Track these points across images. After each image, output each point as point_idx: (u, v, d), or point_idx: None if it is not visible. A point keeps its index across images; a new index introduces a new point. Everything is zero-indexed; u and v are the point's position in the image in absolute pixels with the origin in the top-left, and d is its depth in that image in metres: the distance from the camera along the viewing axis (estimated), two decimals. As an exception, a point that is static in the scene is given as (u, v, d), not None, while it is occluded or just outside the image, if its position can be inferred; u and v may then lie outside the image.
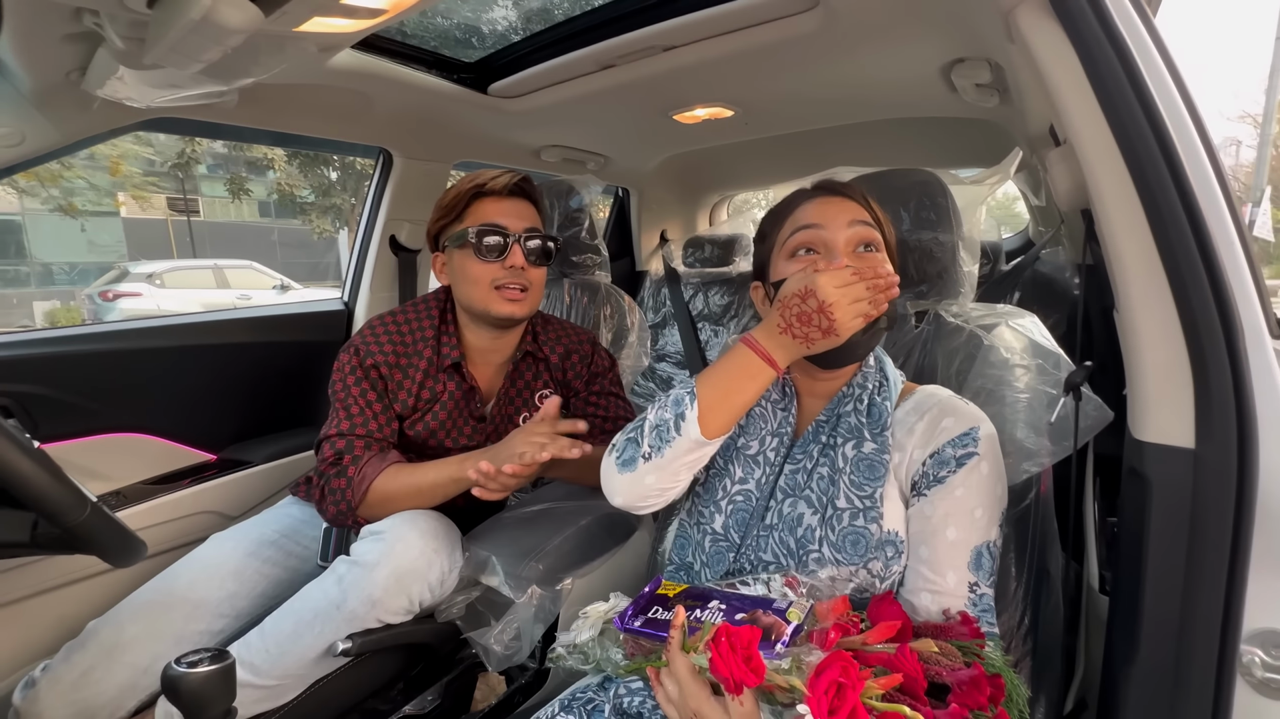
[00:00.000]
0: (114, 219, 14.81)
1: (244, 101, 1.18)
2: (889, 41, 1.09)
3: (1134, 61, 0.63)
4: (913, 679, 0.58)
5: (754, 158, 2.17)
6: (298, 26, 0.77)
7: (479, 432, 1.16)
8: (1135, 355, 0.64)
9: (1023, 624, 0.84)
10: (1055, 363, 0.92)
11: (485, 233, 1.07)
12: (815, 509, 0.76)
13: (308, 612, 0.91)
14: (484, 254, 1.07)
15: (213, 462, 1.46)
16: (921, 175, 1.07)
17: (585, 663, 0.81)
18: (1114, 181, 0.64)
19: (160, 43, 0.65)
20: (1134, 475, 0.65)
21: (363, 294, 1.70)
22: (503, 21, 1.34)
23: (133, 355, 1.36)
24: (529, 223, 1.12)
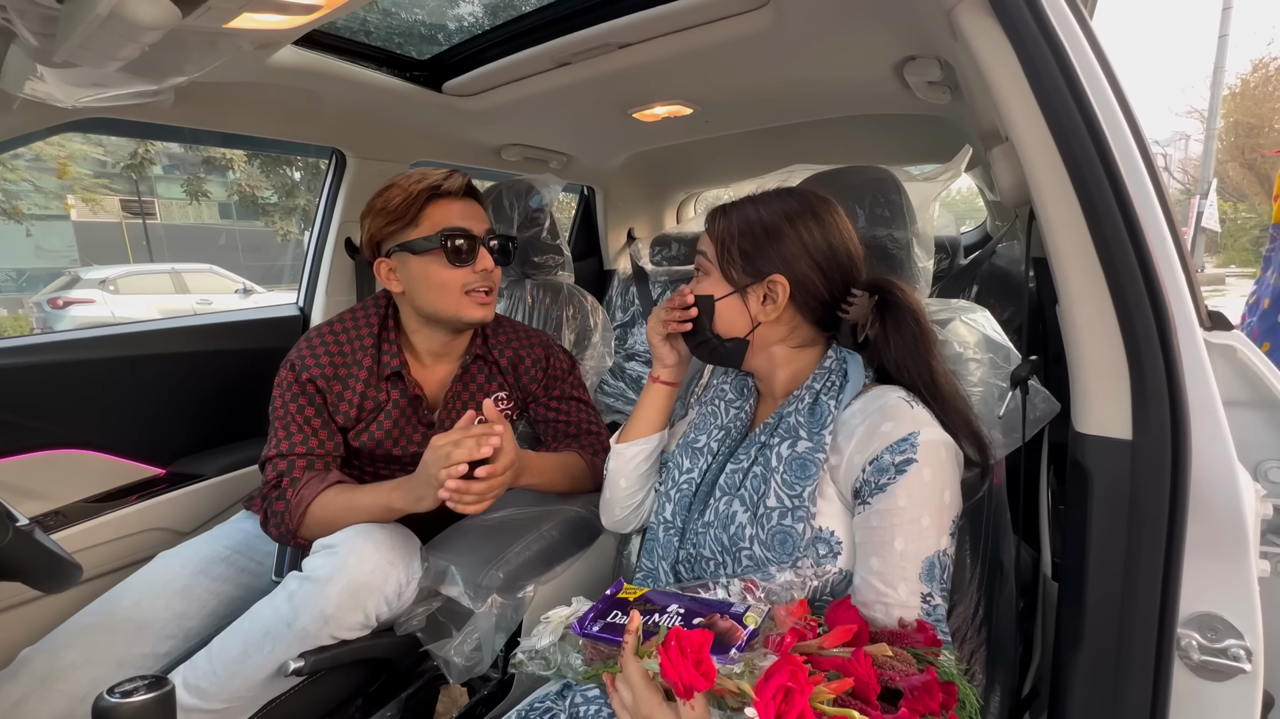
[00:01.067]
0: (64, 223, 14.18)
1: (181, 101, 1.13)
2: (840, 40, 1.10)
3: (1069, 61, 0.64)
4: (865, 683, 0.59)
5: (717, 155, 2.18)
6: (227, 23, 0.74)
7: (429, 438, 1.13)
8: (1076, 349, 0.66)
9: (977, 614, 0.85)
10: (1005, 356, 0.94)
11: (453, 237, 1.04)
12: (747, 508, 0.77)
13: (258, 630, 0.88)
14: (454, 259, 1.04)
15: (161, 476, 1.40)
16: (875, 173, 1.08)
17: (546, 669, 0.79)
18: (1053, 179, 0.65)
19: (70, 40, 0.61)
20: (1076, 467, 0.66)
21: (318, 298, 1.65)
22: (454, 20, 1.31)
23: (74, 367, 1.29)
24: (486, 223, 1.10)
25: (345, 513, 0.97)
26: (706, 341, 0.83)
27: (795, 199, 0.82)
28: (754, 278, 0.79)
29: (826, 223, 0.80)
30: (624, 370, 2.45)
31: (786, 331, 0.82)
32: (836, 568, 0.72)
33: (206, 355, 1.49)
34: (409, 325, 1.13)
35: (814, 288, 0.79)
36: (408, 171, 1.08)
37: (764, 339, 0.81)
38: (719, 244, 0.80)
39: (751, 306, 0.80)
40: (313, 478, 1.01)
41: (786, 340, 0.82)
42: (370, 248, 1.10)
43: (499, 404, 1.18)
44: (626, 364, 2.44)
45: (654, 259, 2.50)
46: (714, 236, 0.82)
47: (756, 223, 0.79)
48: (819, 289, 0.79)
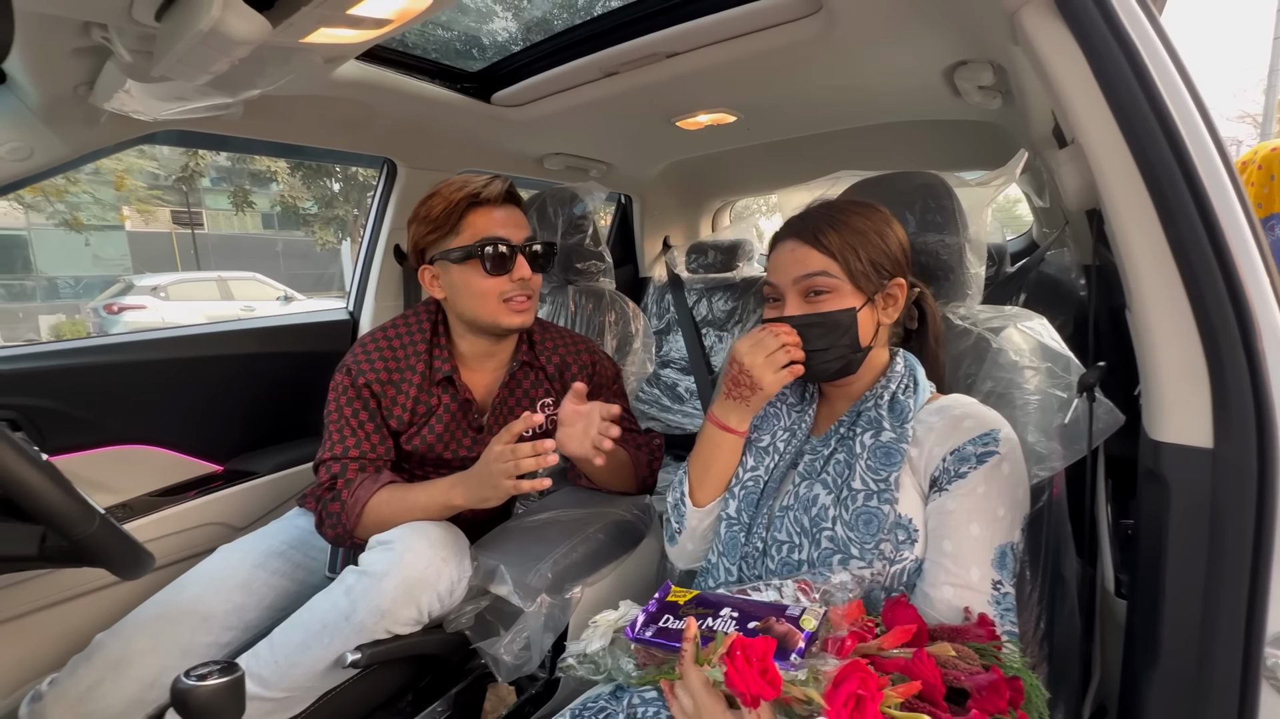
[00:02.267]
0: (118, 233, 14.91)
1: (249, 113, 1.18)
2: (892, 45, 1.09)
3: (1141, 59, 0.63)
4: (931, 685, 0.58)
5: (756, 163, 2.18)
6: (304, 38, 0.78)
7: (479, 443, 1.15)
8: (1150, 355, 0.64)
9: (1038, 629, 0.82)
10: (1065, 365, 0.92)
11: (490, 246, 1.05)
12: (830, 490, 0.78)
13: (316, 623, 0.91)
14: (491, 269, 1.05)
15: (219, 473, 1.46)
16: (925, 178, 1.07)
17: (596, 673, 0.80)
18: (1124, 180, 0.64)
19: (168, 55, 0.65)
20: (1151, 477, 0.64)
21: (367, 304, 1.70)
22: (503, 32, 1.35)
23: (138, 367, 1.36)
24: (525, 230, 1.11)
25: (401, 511, 1.00)
26: (843, 356, 0.81)
27: (871, 205, 0.85)
28: (879, 285, 0.81)
29: (899, 227, 0.85)
30: (659, 378, 2.46)
31: (886, 333, 0.86)
32: (913, 555, 0.73)
33: (261, 357, 1.55)
34: (455, 331, 1.15)
35: (909, 287, 0.85)
36: (450, 179, 1.10)
37: (877, 341, 0.84)
38: (841, 258, 0.80)
39: (879, 312, 0.82)
40: (366, 479, 1.03)
41: (882, 340, 0.86)
42: (415, 255, 1.13)
43: (545, 410, 1.19)
44: (662, 371, 2.45)
45: (690, 267, 2.51)
46: (832, 251, 0.80)
47: (868, 229, 0.81)
48: (908, 289, 0.85)
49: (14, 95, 0.98)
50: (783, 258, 0.83)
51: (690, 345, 2.36)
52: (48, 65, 0.88)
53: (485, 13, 1.37)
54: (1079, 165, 0.71)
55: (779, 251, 0.84)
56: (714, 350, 2.36)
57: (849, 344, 0.80)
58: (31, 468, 0.69)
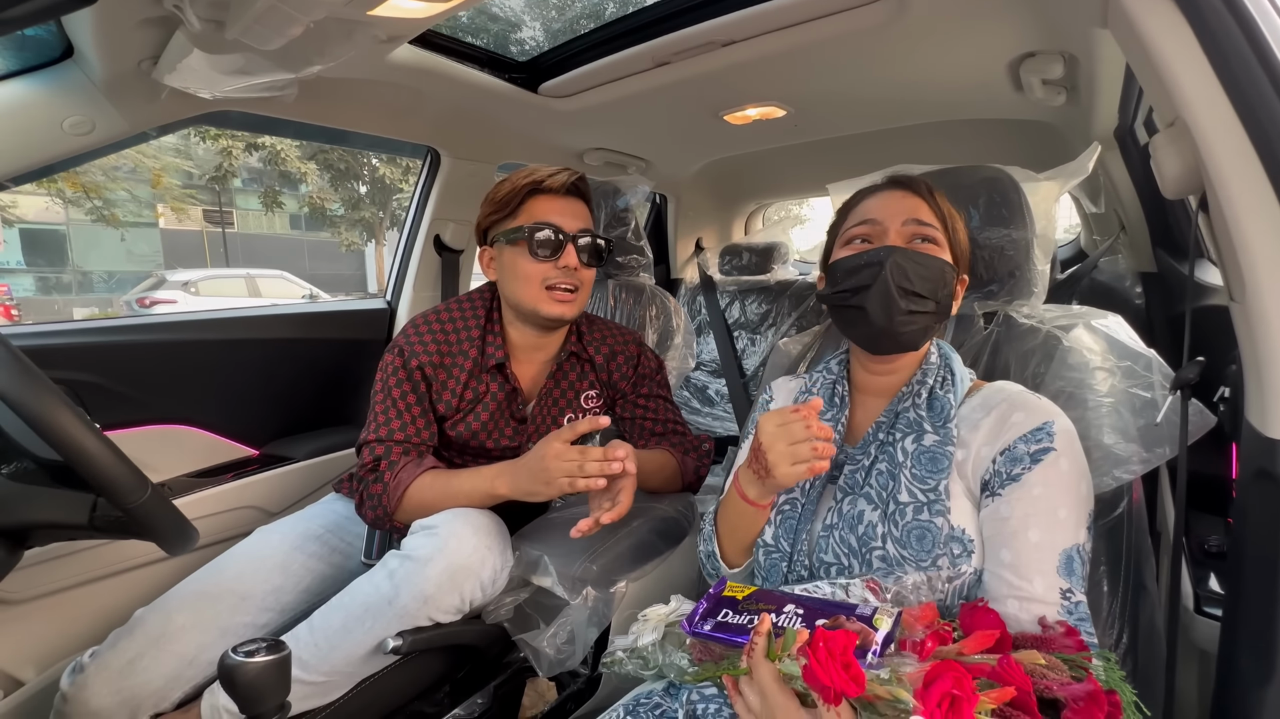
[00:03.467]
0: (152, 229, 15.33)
1: (302, 96, 1.18)
2: (961, 33, 1.06)
3: (1258, 30, 0.59)
4: (1024, 693, 0.53)
5: (794, 163, 2.15)
6: (373, 9, 0.77)
7: (520, 433, 1.14)
8: (1264, 345, 0.59)
9: (1120, 644, 0.77)
10: (1147, 364, 0.87)
11: (540, 230, 1.04)
12: (876, 505, 0.72)
13: (358, 606, 0.89)
14: (538, 253, 1.04)
15: (255, 457, 1.46)
16: (991, 172, 1.03)
17: (645, 668, 0.76)
18: (1238, 162, 0.60)
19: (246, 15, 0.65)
20: (1264, 477, 0.59)
21: (405, 293, 1.70)
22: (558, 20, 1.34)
23: (180, 347, 1.36)
24: (583, 223, 1.10)
25: (443, 497, 0.98)
26: (931, 313, 0.75)
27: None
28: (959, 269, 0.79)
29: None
30: (689, 380, 2.43)
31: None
32: (971, 567, 0.68)
33: (299, 343, 1.55)
34: (507, 318, 1.14)
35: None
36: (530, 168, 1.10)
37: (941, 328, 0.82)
38: (945, 223, 0.78)
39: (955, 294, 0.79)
40: (409, 463, 1.02)
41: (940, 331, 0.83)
42: (479, 235, 1.14)
43: (588, 403, 1.17)
44: (693, 374, 2.42)
45: (723, 269, 2.48)
46: (940, 212, 0.78)
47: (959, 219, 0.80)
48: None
49: (79, 69, 0.99)
50: (891, 203, 0.78)
51: (722, 348, 2.33)
52: (117, 37, 0.88)
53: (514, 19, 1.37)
54: (1181, 148, 0.67)
55: (883, 198, 0.79)
56: (745, 353, 2.33)
57: (940, 302, 0.75)
58: (89, 434, 0.68)
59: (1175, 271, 1.42)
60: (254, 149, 12.09)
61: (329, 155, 12.37)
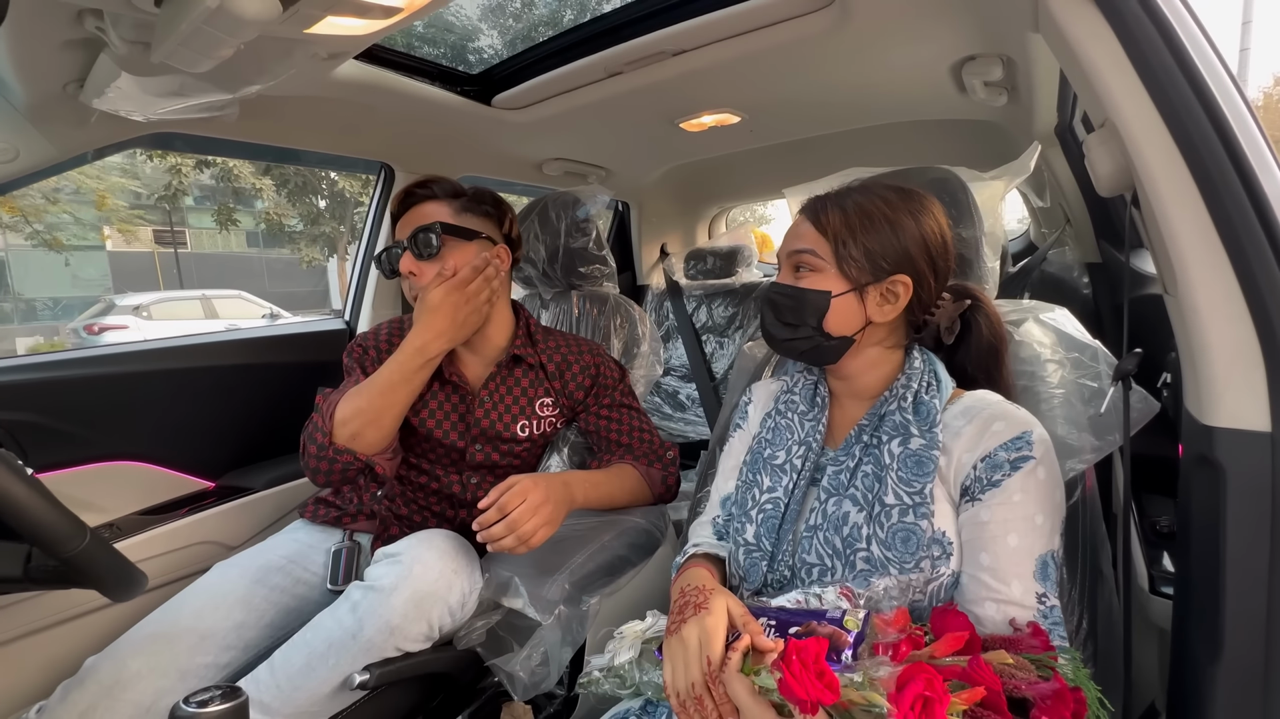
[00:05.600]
0: (99, 253, 14.71)
1: (245, 115, 1.15)
2: (903, 39, 1.09)
3: (1175, 35, 0.62)
4: (994, 693, 0.54)
5: (754, 167, 2.17)
6: (309, 27, 0.75)
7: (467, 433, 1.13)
8: (1197, 337, 0.62)
9: (1080, 629, 0.80)
10: (1093, 355, 0.90)
11: (381, 256, 1.12)
12: (861, 507, 0.73)
13: (321, 643, 0.85)
14: (387, 273, 1.11)
15: (211, 489, 1.40)
16: (938, 173, 1.06)
17: (622, 687, 0.75)
18: (1163, 160, 0.62)
19: (170, 38, 0.62)
20: (1203, 464, 0.62)
21: (364, 312, 1.66)
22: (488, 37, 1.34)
23: (125, 380, 1.30)
24: (417, 222, 1.08)
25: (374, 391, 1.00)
26: (809, 338, 0.77)
27: (905, 191, 0.78)
28: (875, 276, 0.75)
29: (940, 219, 0.78)
30: (659, 385, 2.43)
31: (887, 332, 0.79)
32: (949, 570, 0.68)
33: (255, 369, 1.49)
34: None
35: (928, 287, 0.77)
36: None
37: (868, 339, 0.78)
38: (835, 239, 0.75)
39: (869, 306, 0.75)
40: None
41: (884, 341, 0.79)
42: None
43: (542, 409, 1.17)
44: (662, 379, 2.42)
45: (688, 273, 2.49)
46: (827, 231, 0.76)
47: (878, 216, 0.75)
48: (931, 289, 0.78)
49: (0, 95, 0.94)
50: (790, 233, 0.80)
51: (691, 352, 2.34)
52: (37, 60, 0.84)
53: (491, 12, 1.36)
54: (1112, 148, 0.69)
55: (791, 226, 0.82)
56: (714, 357, 2.34)
57: (814, 328, 0.76)
58: (17, 480, 0.64)
59: (1118, 262, 1.48)
60: (205, 166, 11.71)
61: (284, 170, 12.06)
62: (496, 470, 1.14)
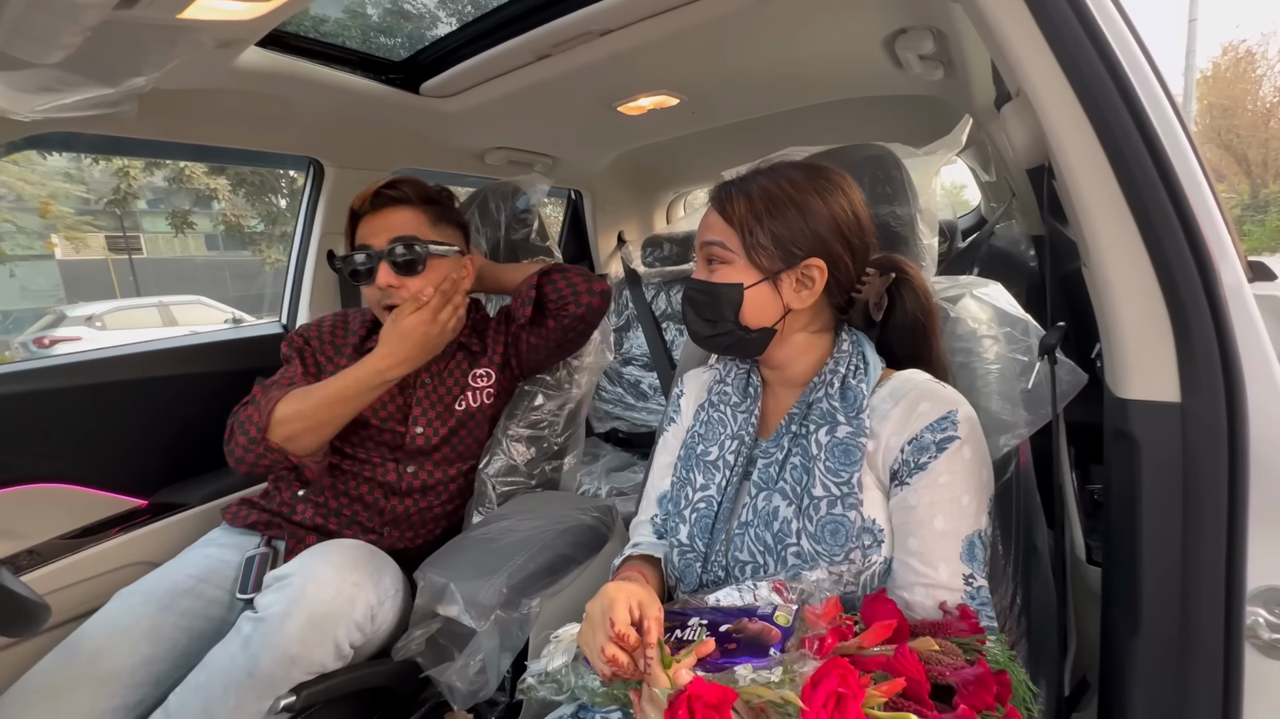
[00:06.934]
0: (48, 262, 14.07)
1: (146, 111, 1.07)
2: (830, 12, 1.06)
3: (1085, 6, 0.60)
4: (916, 682, 0.53)
5: (705, 150, 2.14)
6: (180, 12, 0.69)
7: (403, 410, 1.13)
8: (1109, 310, 0.61)
9: (1015, 604, 0.80)
10: (1024, 329, 0.89)
11: (350, 258, 1.07)
12: (790, 500, 0.71)
13: (217, 685, 0.79)
14: (356, 279, 1.08)
15: (143, 507, 1.33)
16: (873, 150, 1.04)
17: (559, 693, 0.73)
18: (1074, 132, 0.61)
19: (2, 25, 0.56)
20: (1119, 436, 0.61)
21: (302, 314, 1.59)
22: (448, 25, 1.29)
23: (44, 396, 1.23)
24: (396, 231, 1.06)
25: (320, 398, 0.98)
26: (729, 333, 0.75)
27: (813, 170, 0.75)
28: (787, 263, 0.72)
29: (851, 195, 0.76)
30: (621, 375, 2.41)
31: (811, 316, 0.77)
32: (881, 557, 0.68)
33: (189, 379, 1.43)
34: None
35: (845, 269, 0.75)
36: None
37: (790, 326, 0.76)
38: (742, 229, 0.72)
39: (785, 293, 0.73)
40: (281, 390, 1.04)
41: (809, 326, 0.77)
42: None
43: (476, 380, 1.17)
44: (624, 369, 2.40)
45: (646, 261, 2.46)
46: (733, 220, 0.73)
47: (784, 200, 0.72)
48: (849, 270, 0.75)
49: None
50: (702, 225, 0.78)
51: (651, 341, 2.32)
52: (-117, 57, 0.76)
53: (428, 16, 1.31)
54: (1026, 119, 0.67)
55: (702, 219, 0.79)
56: (675, 344, 2.32)
57: (732, 322, 0.73)
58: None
59: (1060, 234, 1.50)
60: (156, 168, 11.24)
61: (240, 170, 11.64)
62: (434, 456, 1.13)
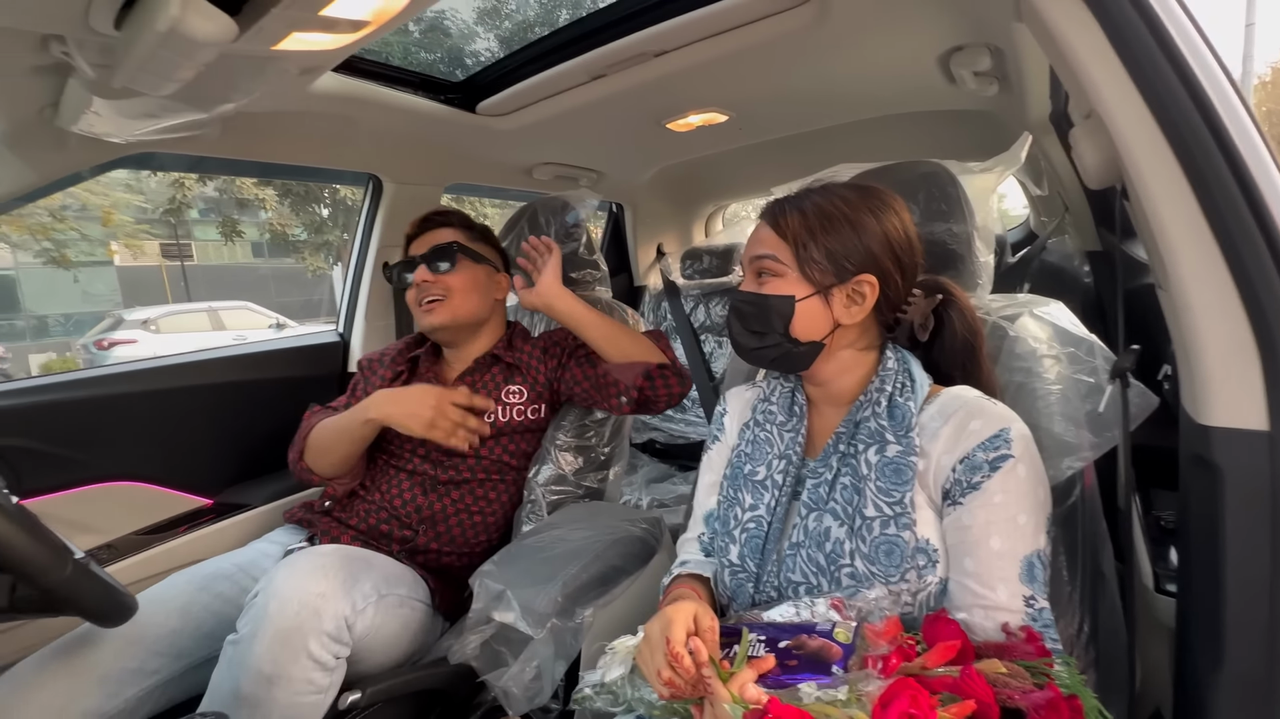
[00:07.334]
0: (107, 268, 14.85)
1: (227, 132, 1.15)
2: (886, 32, 1.06)
3: (1160, 23, 0.60)
4: (986, 704, 0.53)
5: (747, 164, 2.15)
6: (276, 44, 0.74)
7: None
8: (1189, 334, 0.60)
9: (1081, 632, 0.78)
10: (1089, 349, 0.88)
11: (398, 265, 1.25)
12: (842, 521, 0.71)
13: (214, 706, 0.81)
14: (397, 283, 1.24)
15: (209, 507, 1.40)
16: (928, 167, 1.04)
17: (615, 704, 0.74)
18: (1150, 151, 0.60)
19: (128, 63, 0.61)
20: (1199, 463, 0.60)
21: (358, 324, 1.65)
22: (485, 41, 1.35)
23: (119, 400, 1.31)
24: (434, 243, 1.21)
25: (329, 432, 1.12)
26: (777, 345, 0.75)
27: (866, 190, 0.77)
28: (839, 277, 0.73)
29: (903, 216, 0.76)
30: (659, 387, 2.42)
31: (859, 333, 0.77)
32: (936, 577, 0.67)
33: (250, 385, 1.50)
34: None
35: (895, 286, 0.75)
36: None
37: (838, 342, 0.76)
38: (795, 242, 0.74)
39: (835, 308, 0.74)
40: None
41: (856, 343, 0.77)
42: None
43: (508, 397, 1.22)
44: (662, 380, 2.41)
45: (685, 273, 2.47)
46: (786, 234, 0.74)
47: (838, 216, 0.73)
48: (899, 287, 0.76)
49: (-25, 121, 0.94)
50: (751, 239, 0.79)
51: (689, 352, 2.33)
52: (7, 86, 0.83)
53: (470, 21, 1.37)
54: (1098, 140, 0.67)
55: (752, 233, 0.80)
56: (713, 357, 2.32)
57: (781, 334, 0.74)
58: (-4, 514, 0.64)
59: (1119, 250, 1.46)
60: (208, 179, 11.77)
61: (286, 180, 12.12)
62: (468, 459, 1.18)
